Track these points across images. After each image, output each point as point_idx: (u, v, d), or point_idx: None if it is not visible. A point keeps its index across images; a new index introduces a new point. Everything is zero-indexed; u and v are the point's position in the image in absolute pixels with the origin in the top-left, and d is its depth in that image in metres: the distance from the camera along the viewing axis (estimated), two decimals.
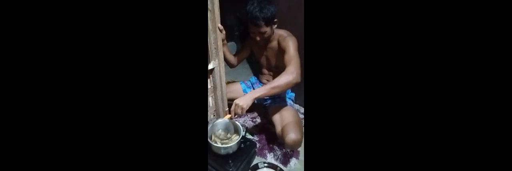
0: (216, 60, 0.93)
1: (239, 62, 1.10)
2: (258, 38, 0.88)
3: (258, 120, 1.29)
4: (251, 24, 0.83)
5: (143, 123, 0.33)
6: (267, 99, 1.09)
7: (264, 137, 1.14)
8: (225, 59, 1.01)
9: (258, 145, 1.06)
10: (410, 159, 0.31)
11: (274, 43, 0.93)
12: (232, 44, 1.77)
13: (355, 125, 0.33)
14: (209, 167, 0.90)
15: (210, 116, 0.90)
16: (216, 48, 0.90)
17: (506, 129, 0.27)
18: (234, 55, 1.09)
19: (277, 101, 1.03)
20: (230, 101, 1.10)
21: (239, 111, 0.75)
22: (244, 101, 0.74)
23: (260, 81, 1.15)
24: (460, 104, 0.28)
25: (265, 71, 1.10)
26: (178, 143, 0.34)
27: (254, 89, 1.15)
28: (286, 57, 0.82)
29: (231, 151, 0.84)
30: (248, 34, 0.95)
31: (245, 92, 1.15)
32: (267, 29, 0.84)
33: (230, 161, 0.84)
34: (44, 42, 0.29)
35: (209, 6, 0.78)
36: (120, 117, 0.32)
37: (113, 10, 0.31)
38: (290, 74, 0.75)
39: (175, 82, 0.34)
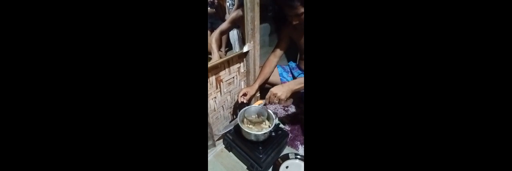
0: (252, 42, 0.86)
1: (281, 55, 0.99)
2: (295, 22, 0.75)
3: (291, 109, 1.23)
4: (285, 6, 0.72)
5: (143, 123, 0.32)
6: None
7: (296, 127, 1.09)
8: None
9: (290, 136, 1.02)
10: (410, 162, 0.30)
11: None
12: (266, 26, 1.66)
13: (355, 125, 0.33)
14: (239, 150, 0.90)
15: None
16: (253, 29, 0.82)
17: (506, 129, 0.27)
18: (273, 50, 0.96)
19: None
20: (266, 85, 1.05)
21: (276, 101, 0.69)
22: (282, 91, 0.69)
23: (299, 67, 1.05)
24: (458, 101, 0.29)
25: None
26: (178, 143, 0.33)
27: (292, 73, 1.07)
28: None
29: (262, 138, 0.83)
30: (284, 20, 0.83)
31: (281, 75, 1.07)
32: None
33: (260, 148, 0.83)
34: (43, 42, 0.27)
35: None
36: (119, 116, 0.31)
37: (112, 9, 0.28)
38: None
39: (175, 82, 0.32)
